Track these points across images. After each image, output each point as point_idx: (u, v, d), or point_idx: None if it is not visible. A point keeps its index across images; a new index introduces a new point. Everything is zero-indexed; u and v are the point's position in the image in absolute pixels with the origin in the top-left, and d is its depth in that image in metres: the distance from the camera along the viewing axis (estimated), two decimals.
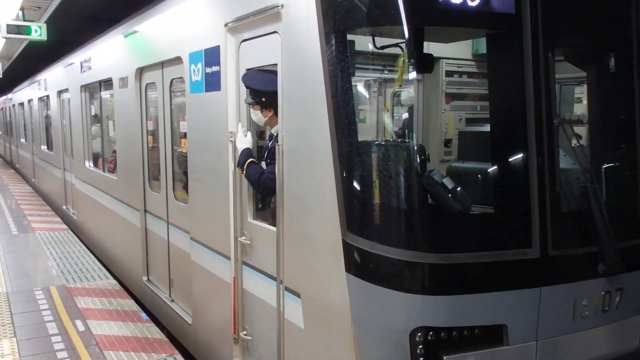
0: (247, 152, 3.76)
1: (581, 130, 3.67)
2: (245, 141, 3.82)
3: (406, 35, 2.68)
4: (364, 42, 3.12)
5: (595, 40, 3.23)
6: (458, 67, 4.96)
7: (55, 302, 6.20)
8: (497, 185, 2.95)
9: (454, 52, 4.72)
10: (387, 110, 5.57)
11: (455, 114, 5.14)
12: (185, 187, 5.18)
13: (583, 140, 3.37)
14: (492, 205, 2.95)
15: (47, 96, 12.42)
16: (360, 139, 2.90)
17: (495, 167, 2.95)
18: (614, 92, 3.31)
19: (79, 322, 5.58)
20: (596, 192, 2.92)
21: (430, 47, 4.64)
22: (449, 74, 4.95)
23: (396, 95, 5.59)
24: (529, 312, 2.82)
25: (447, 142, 5.05)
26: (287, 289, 3.40)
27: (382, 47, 3.07)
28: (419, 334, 2.67)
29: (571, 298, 2.91)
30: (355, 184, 2.82)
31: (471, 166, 3.60)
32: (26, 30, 9.33)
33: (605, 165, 3.22)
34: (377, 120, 5.51)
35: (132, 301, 6.32)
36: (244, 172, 3.74)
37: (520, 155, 2.82)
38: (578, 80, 4.64)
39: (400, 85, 4.81)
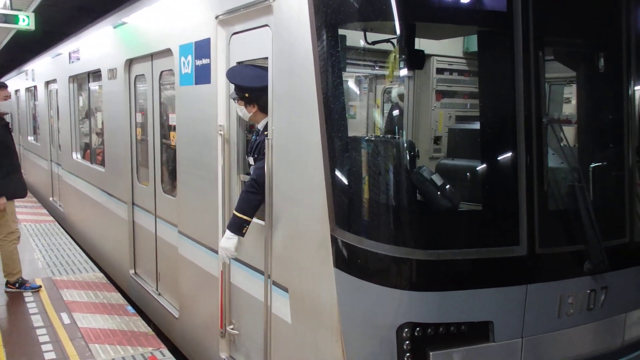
0: (229, 225, 3.58)
1: (570, 129, 3.69)
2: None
3: (397, 31, 2.67)
4: (355, 38, 3.11)
5: (585, 40, 3.25)
6: (449, 64, 4.96)
7: (40, 294, 6.13)
8: (486, 183, 2.96)
9: (445, 50, 4.72)
10: (378, 107, 5.57)
11: (445, 112, 5.15)
12: (174, 180, 5.15)
13: (571, 139, 3.39)
14: (480, 202, 2.96)
15: (35, 87, 12.26)
16: (350, 134, 2.89)
17: (484, 164, 2.96)
18: (603, 92, 3.33)
19: (64, 315, 5.54)
20: (583, 191, 2.94)
21: (421, 44, 4.65)
22: (440, 71, 4.95)
23: (387, 91, 5.59)
24: (515, 309, 2.84)
25: (437, 140, 5.06)
26: (274, 283, 3.39)
27: (374, 43, 3.07)
28: (406, 329, 2.68)
29: (557, 296, 2.93)
30: (345, 179, 2.82)
31: (460, 163, 3.61)
32: (14, 19, 9.18)
33: (593, 165, 3.24)
34: (367, 117, 5.50)
35: (119, 294, 6.27)
36: (242, 214, 3.47)
37: (509, 153, 2.83)
38: (567, 80, 4.66)
39: (391, 82, 4.81)
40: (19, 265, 6.22)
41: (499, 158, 2.89)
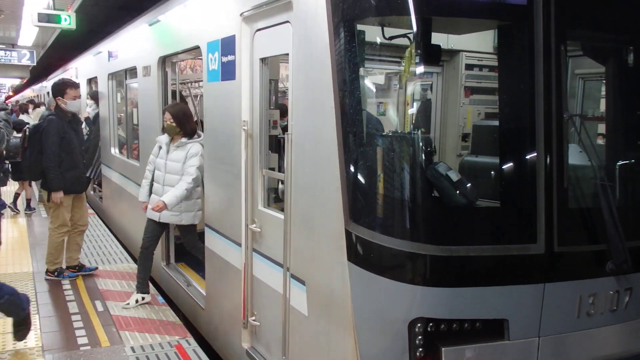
0: None
1: (594, 126, 3.59)
2: None
3: (414, 25, 2.67)
4: (373, 33, 3.11)
5: (611, 33, 3.14)
6: (478, 60, 4.89)
7: (77, 282, 6.41)
8: (504, 179, 2.91)
9: (475, 45, 4.66)
10: (408, 104, 5.53)
11: (474, 108, 5.07)
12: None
13: (594, 136, 3.30)
14: (499, 199, 2.92)
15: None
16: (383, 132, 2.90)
17: (502, 161, 2.91)
18: (630, 88, 3.22)
19: (98, 303, 5.77)
20: (606, 189, 2.86)
21: (450, 40, 4.60)
22: (469, 67, 4.88)
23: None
24: (532, 308, 2.79)
25: (465, 137, 4.99)
26: (293, 276, 3.44)
27: (391, 38, 3.06)
28: (419, 324, 2.68)
29: (576, 296, 2.87)
30: (359, 174, 2.84)
31: (482, 160, 3.57)
32: (56, 18, 9.57)
33: (618, 163, 3.14)
34: (396, 113, 5.48)
35: (150, 284, 6.47)
36: None
37: (527, 150, 2.78)
38: (601, 75, 4.52)
39: (407, 77, 4.79)
40: (62, 257, 6.52)
41: (517, 154, 2.85)
